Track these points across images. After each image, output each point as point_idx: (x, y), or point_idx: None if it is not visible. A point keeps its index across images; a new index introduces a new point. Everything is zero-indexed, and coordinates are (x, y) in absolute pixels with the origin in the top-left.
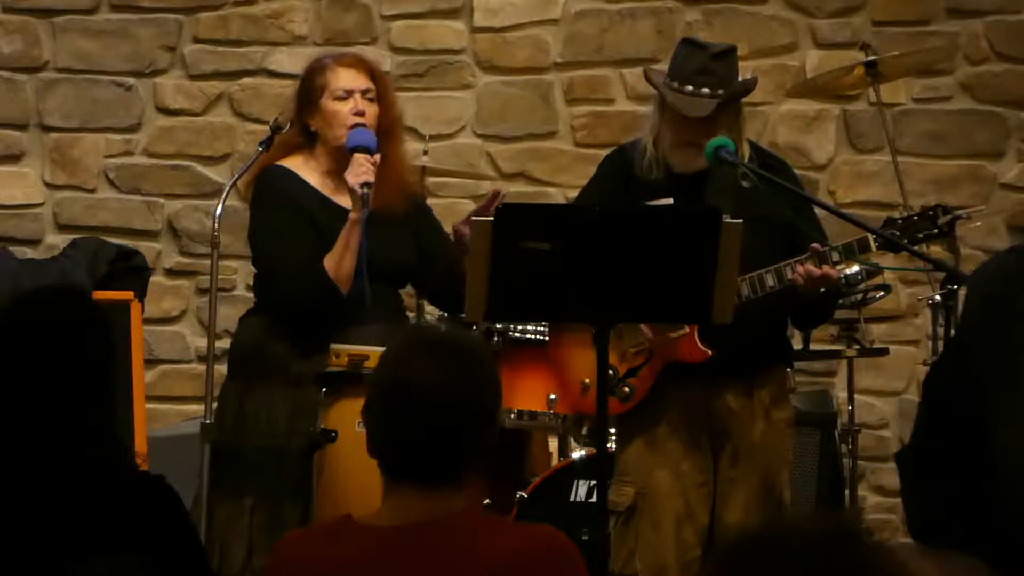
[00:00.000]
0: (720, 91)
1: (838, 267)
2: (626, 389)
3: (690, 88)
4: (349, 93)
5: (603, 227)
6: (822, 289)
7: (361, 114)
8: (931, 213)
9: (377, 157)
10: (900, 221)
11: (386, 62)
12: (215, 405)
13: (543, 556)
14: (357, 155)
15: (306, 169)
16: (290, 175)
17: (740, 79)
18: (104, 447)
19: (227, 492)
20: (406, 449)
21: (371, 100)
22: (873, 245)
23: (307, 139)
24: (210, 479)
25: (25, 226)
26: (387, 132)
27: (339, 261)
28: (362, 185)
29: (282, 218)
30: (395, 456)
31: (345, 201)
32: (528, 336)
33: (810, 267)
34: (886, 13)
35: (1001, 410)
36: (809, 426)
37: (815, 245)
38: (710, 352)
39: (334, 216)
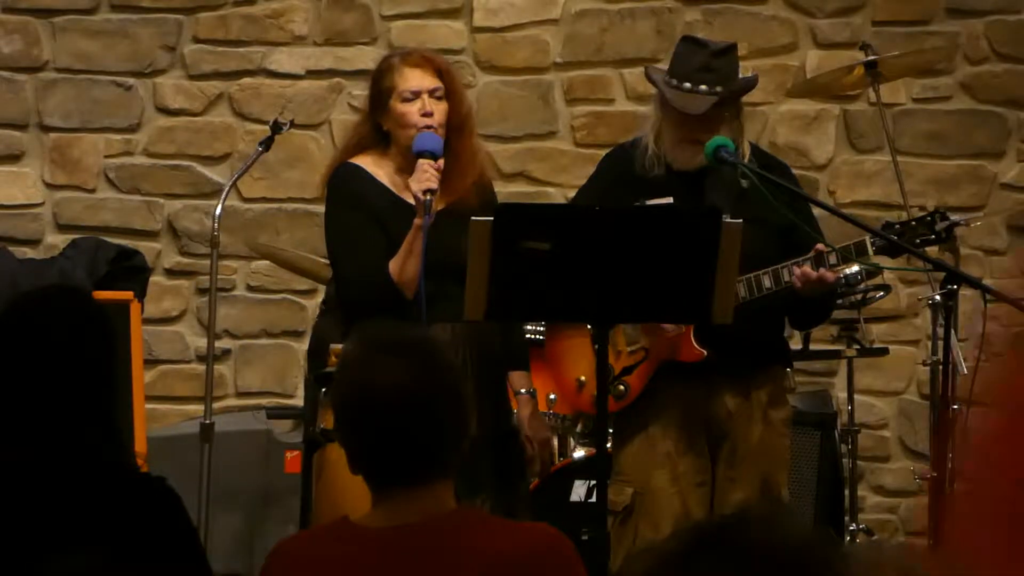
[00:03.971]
0: (718, 88)
1: (837, 267)
2: (621, 387)
3: (689, 85)
4: (416, 94)
5: (603, 227)
6: (820, 291)
7: (429, 115)
8: (929, 219)
9: (441, 163)
10: (898, 226)
11: None
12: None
13: (542, 556)
14: (421, 161)
15: (377, 167)
16: (361, 172)
17: (741, 77)
18: (104, 447)
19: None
20: (387, 456)
21: (439, 98)
22: (871, 249)
23: (381, 138)
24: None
25: (25, 226)
26: (458, 128)
27: (403, 265)
28: (425, 192)
29: (351, 219)
30: (378, 466)
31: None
32: (528, 336)
33: (807, 270)
34: (886, 13)
35: None
36: (809, 426)
37: (820, 246)
38: (705, 353)
39: (404, 216)
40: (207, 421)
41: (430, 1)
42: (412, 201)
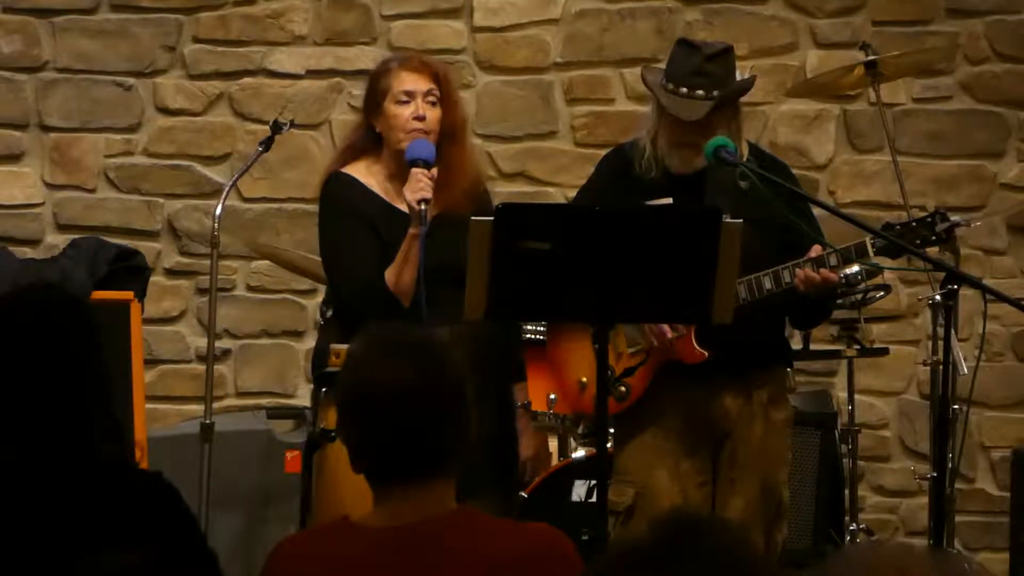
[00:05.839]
0: (715, 92)
1: (836, 268)
2: (622, 388)
3: (684, 90)
4: (411, 96)
5: (603, 227)
6: (822, 292)
7: (421, 118)
8: (929, 220)
9: (434, 171)
10: (898, 227)
11: None
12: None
13: (543, 556)
14: (415, 170)
15: (369, 175)
16: (353, 182)
17: (738, 78)
18: (94, 445)
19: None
20: (388, 454)
21: (433, 103)
22: (871, 251)
23: (374, 142)
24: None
25: (25, 226)
26: (450, 134)
27: (399, 274)
28: (419, 201)
29: (343, 229)
30: (379, 463)
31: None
32: (528, 336)
33: (809, 272)
34: (886, 13)
35: None
36: (809, 426)
37: (817, 247)
38: (706, 354)
39: (396, 223)
40: (207, 421)
41: (430, 1)
42: (404, 208)
